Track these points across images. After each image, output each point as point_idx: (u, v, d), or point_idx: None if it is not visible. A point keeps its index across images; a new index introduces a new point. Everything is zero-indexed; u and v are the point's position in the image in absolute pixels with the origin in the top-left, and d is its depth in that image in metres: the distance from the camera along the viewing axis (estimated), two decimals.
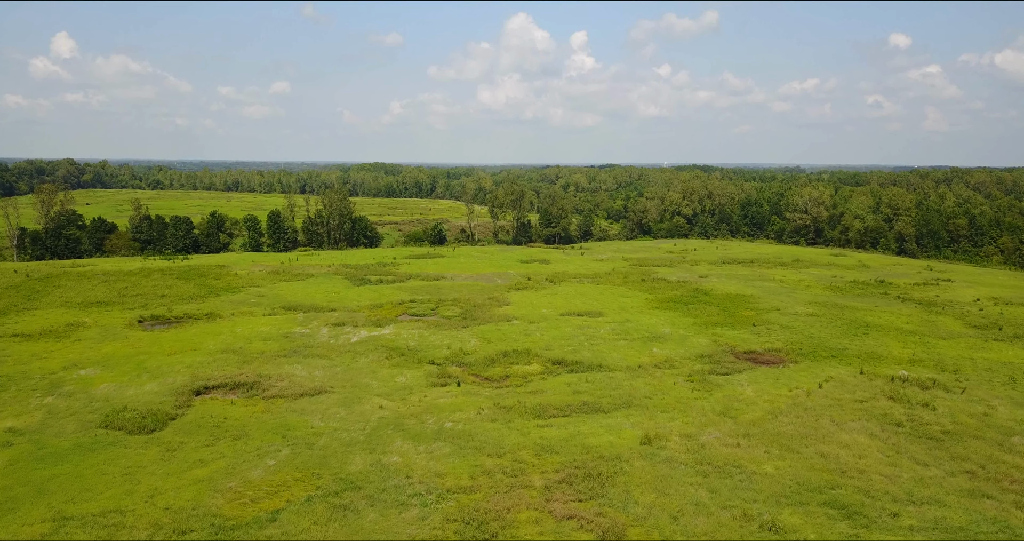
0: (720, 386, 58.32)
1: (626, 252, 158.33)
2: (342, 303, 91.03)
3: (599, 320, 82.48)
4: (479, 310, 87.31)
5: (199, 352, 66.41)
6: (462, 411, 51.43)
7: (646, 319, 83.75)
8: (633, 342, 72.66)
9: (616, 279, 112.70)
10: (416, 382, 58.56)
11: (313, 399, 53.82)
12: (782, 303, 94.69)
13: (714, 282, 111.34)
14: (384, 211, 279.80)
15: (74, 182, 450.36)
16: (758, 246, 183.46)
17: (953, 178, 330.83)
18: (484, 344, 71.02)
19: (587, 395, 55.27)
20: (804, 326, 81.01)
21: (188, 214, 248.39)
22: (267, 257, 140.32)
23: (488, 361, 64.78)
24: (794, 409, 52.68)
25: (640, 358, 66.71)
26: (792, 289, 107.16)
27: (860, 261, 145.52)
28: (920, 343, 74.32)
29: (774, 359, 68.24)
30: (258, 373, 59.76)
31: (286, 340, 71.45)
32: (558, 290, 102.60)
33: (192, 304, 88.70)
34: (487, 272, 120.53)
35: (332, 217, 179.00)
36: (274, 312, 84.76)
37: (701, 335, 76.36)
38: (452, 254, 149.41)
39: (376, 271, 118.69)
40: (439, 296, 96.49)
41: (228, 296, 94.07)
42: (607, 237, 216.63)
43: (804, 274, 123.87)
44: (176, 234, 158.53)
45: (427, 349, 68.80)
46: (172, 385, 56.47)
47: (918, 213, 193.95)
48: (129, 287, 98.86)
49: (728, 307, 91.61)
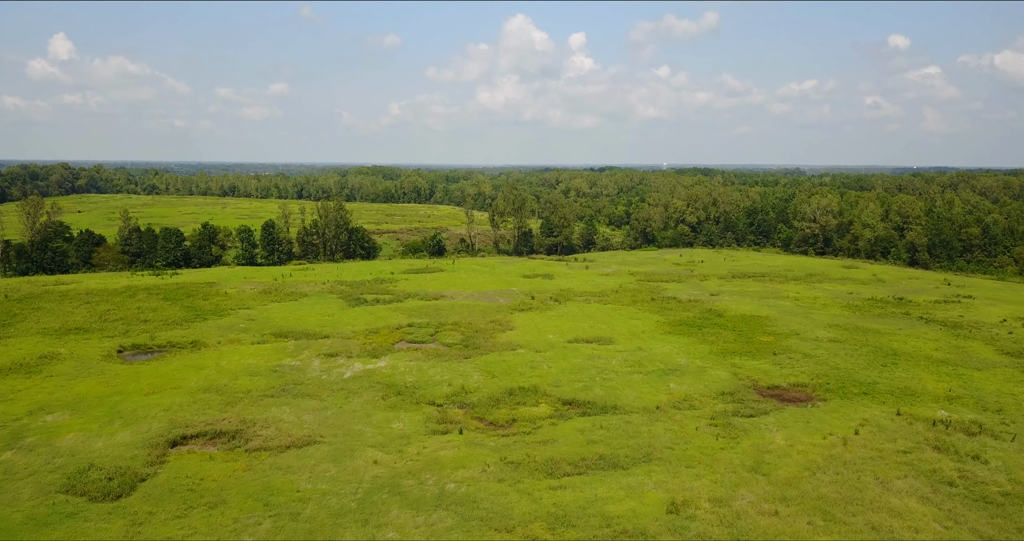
0: (747, 432, 53.32)
1: (632, 265, 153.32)
2: (336, 328, 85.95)
3: (610, 348, 77.45)
4: (481, 336, 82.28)
5: (180, 391, 61.32)
6: (465, 468, 46.39)
7: (660, 346, 78.72)
8: (648, 376, 67.64)
9: (624, 298, 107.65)
10: (414, 429, 53.52)
11: (301, 452, 48.75)
12: (801, 326, 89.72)
13: (727, 301, 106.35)
14: (382, 218, 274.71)
15: (68, 187, 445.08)
16: (766, 256, 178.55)
17: (959, 182, 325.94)
18: (488, 379, 65.99)
19: (603, 445, 50.25)
20: (828, 355, 76.03)
21: (182, 222, 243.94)
22: (260, 272, 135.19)
23: (492, 401, 59.73)
24: (832, 463, 47.69)
25: (657, 396, 61.70)
26: (809, 308, 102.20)
27: (874, 274, 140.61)
28: (954, 375, 69.37)
29: (801, 396, 63.27)
30: (242, 418, 54.69)
31: (275, 375, 66.36)
32: (564, 311, 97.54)
33: (177, 330, 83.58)
34: (489, 289, 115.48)
35: (328, 227, 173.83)
36: (263, 340, 79.66)
37: (720, 366, 71.37)
38: (452, 267, 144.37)
39: (373, 289, 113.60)
40: (439, 319, 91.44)
41: (216, 320, 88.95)
42: (610, 246, 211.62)
43: (819, 290, 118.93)
44: (166, 247, 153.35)
45: (426, 386, 63.75)
46: (147, 434, 51.39)
47: (929, 222, 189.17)
48: (112, 310, 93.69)
49: (744, 331, 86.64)
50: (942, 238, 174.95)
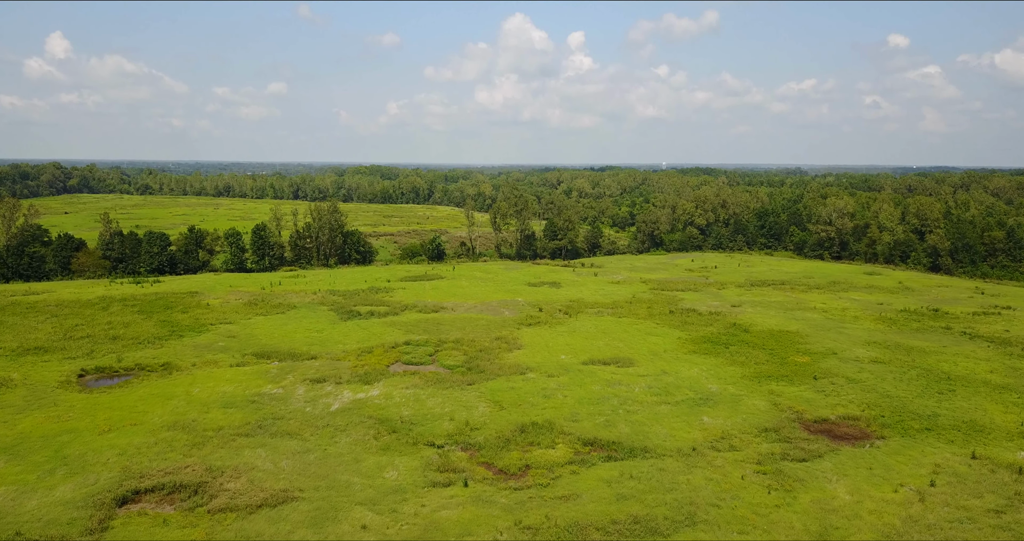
0: (802, 482, 45.26)
1: (642, 271, 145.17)
2: (325, 347, 77.80)
3: (631, 372, 69.32)
4: (486, 356, 74.17)
5: (141, 428, 53.15)
6: (472, 534, 38.30)
7: (685, 369, 70.62)
8: (677, 407, 59.55)
9: (640, 310, 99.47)
10: (411, 479, 45.37)
11: (274, 513, 40.61)
12: (837, 343, 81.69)
13: (750, 314, 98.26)
14: (379, 220, 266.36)
15: (59, 187, 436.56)
16: (782, 262, 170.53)
17: (971, 183, 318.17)
18: (495, 411, 57.88)
19: (635, 502, 42.14)
20: (874, 379, 67.97)
21: (172, 223, 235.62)
22: (247, 280, 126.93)
23: (501, 441, 51.62)
24: (913, 528, 39.62)
25: (691, 433, 53.63)
26: (840, 322, 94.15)
27: (900, 282, 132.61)
28: (1021, 405, 61.35)
29: (854, 432, 55.23)
30: (208, 466, 46.51)
31: (252, 407, 58.19)
32: (576, 326, 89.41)
33: (148, 350, 75.39)
34: (492, 300, 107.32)
35: (322, 231, 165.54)
36: (243, 362, 71.48)
37: (756, 394, 63.30)
38: (452, 274, 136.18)
39: (367, 299, 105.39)
40: (439, 335, 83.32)
41: (193, 338, 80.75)
42: (616, 250, 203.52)
43: (845, 300, 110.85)
44: (151, 251, 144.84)
45: (425, 421, 55.62)
46: (93, 487, 43.23)
47: (949, 224, 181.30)
48: (80, 325, 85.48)
49: (775, 350, 78.60)
50: (965, 242, 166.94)
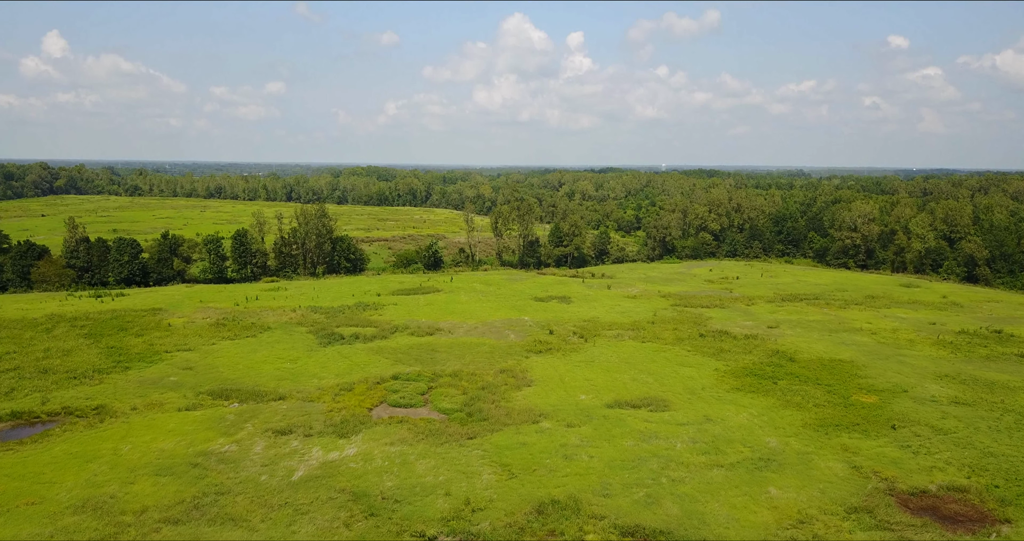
0: None
1: (658, 282, 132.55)
2: (297, 383, 65.14)
3: (668, 419, 56.73)
4: (490, 396, 61.56)
5: (38, 510, 40.48)
6: None
7: (732, 414, 58.06)
8: (733, 471, 46.99)
9: (665, 333, 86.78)
10: None
11: None
12: (902, 377, 69.24)
13: (790, 337, 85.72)
14: (373, 224, 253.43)
15: (45, 188, 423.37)
16: (807, 271, 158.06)
17: (989, 185, 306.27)
18: (503, 480, 45.28)
19: None
20: (965, 428, 55.49)
21: (153, 227, 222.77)
22: (220, 293, 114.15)
23: (514, 531, 39.01)
24: None
25: (759, 514, 41.08)
26: (896, 347, 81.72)
27: (944, 296, 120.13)
28: None
29: (967, 511, 42.74)
30: None
31: (192, 474, 45.52)
32: (594, 354, 76.78)
33: (83, 388, 62.66)
34: (495, 319, 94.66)
35: (308, 237, 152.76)
36: (195, 404, 58.81)
37: (826, 451, 50.79)
38: (450, 286, 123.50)
39: (352, 318, 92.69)
40: (433, 366, 70.70)
41: (140, 370, 68.01)
42: (626, 257, 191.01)
43: (892, 319, 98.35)
44: (120, 260, 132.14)
45: (413, 496, 42.98)
46: None
47: (983, 231, 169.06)
48: (12, 353, 72.76)
49: (833, 386, 66.12)
50: (1004, 250, 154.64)
